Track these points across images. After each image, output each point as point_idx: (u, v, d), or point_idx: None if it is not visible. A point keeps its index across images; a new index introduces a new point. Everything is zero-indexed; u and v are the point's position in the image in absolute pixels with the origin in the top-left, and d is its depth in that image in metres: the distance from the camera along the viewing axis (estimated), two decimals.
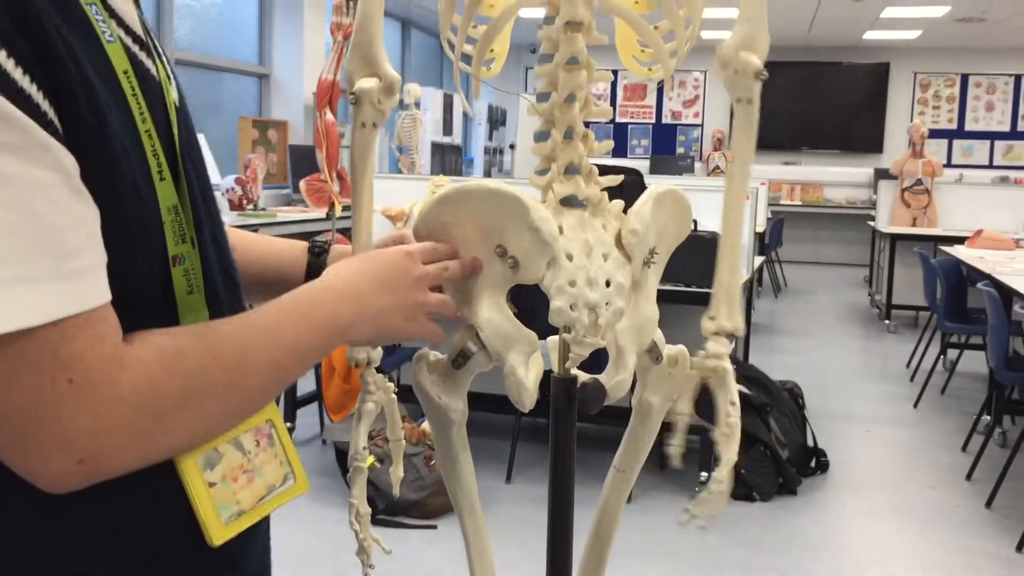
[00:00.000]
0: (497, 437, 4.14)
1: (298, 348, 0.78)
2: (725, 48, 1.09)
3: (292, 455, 0.85)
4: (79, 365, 0.62)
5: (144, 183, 0.69)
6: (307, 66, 7.44)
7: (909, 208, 7.56)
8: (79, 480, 0.64)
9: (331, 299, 0.83)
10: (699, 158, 12.62)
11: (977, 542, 3.40)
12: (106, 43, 0.68)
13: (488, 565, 1.21)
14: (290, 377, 0.79)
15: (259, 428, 0.81)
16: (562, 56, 1.03)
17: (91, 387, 0.62)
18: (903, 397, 5.37)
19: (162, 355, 0.67)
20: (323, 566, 3.08)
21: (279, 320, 0.78)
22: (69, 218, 0.62)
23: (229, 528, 0.76)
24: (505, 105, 11.06)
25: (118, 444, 0.64)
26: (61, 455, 0.62)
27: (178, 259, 0.73)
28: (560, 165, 1.05)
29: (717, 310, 1.17)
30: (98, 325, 0.63)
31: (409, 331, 0.91)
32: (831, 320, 7.96)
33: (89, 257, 0.63)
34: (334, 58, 4.45)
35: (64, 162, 0.62)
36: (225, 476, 0.77)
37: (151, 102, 0.72)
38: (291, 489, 0.84)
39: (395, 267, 0.90)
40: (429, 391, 1.10)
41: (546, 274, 1.00)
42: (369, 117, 1.10)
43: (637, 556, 3.19)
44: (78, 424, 0.62)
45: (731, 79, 1.11)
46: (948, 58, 12.19)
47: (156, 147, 0.71)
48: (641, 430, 1.23)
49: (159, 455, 0.69)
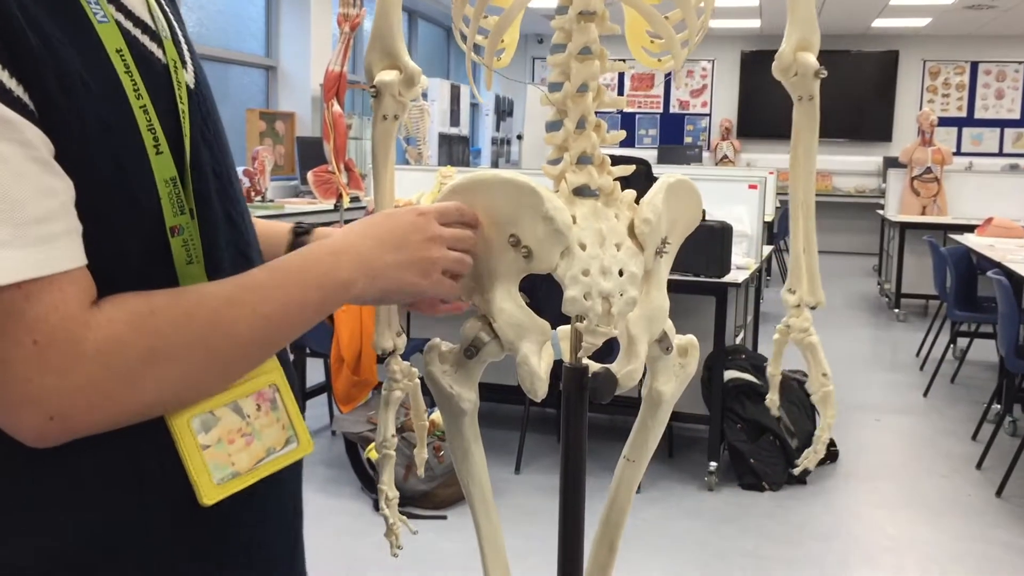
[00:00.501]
0: (506, 427, 4.15)
1: (289, 306, 0.78)
2: (784, 54, 1.18)
3: (296, 419, 0.85)
4: (43, 326, 0.65)
5: (136, 156, 0.72)
6: (314, 58, 7.43)
7: (919, 196, 7.53)
8: (55, 436, 0.68)
9: (327, 257, 0.83)
10: (707, 148, 12.58)
11: (988, 531, 3.39)
12: (97, 23, 0.71)
13: (500, 556, 1.21)
14: (283, 335, 0.80)
15: (261, 392, 0.82)
16: (575, 46, 1.03)
17: (55, 347, 0.65)
18: (913, 386, 5.36)
19: (132, 314, 0.69)
20: (332, 556, 3.09)
21: (269, 279, 0.79)
22: (32, 188, 0.64)
23: (222, 488, 0.77)
24: (512, 96, 11.04)
25: (87, 402, 0.67)
26: (31, 412, 0.66)
27: (176, 230, 0.75)
28: (573, 155, 1.05)
29: (797, 284, 1.26)
30: (65, 288, 0.66)
31: (422, 287, 0.90)
32: (840, 309, 7.95)
33: (56, 225, 0.66)
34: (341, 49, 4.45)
35: (27, 135, 0.64)
36: (221, 439, 0.78)
37: (152, 82, 0.75)
38: (294, 451, 0.84)
39: (405, 224, 0.89)
40: (441, 381, 1.10)
41: (560, 263, 1.00)
42: (390, 109, 1.11)
43: (646, 545, 3.20)
44: (44, 383, 0.65)
45: (792, 81, 1.19)
46: (957, 46, 12.12)
47: (153, 122, 0.74)
48: (651, 420, 1.23)
49: (135, 412, 0.71)
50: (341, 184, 4.44)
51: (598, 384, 1.09)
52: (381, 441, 1.21)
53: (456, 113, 8.95)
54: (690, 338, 1.22)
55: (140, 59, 0.75)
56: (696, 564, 3.10)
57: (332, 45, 7.29)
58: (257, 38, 7.38)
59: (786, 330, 1.30)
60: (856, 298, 8.56)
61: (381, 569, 3.03)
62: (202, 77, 0.84)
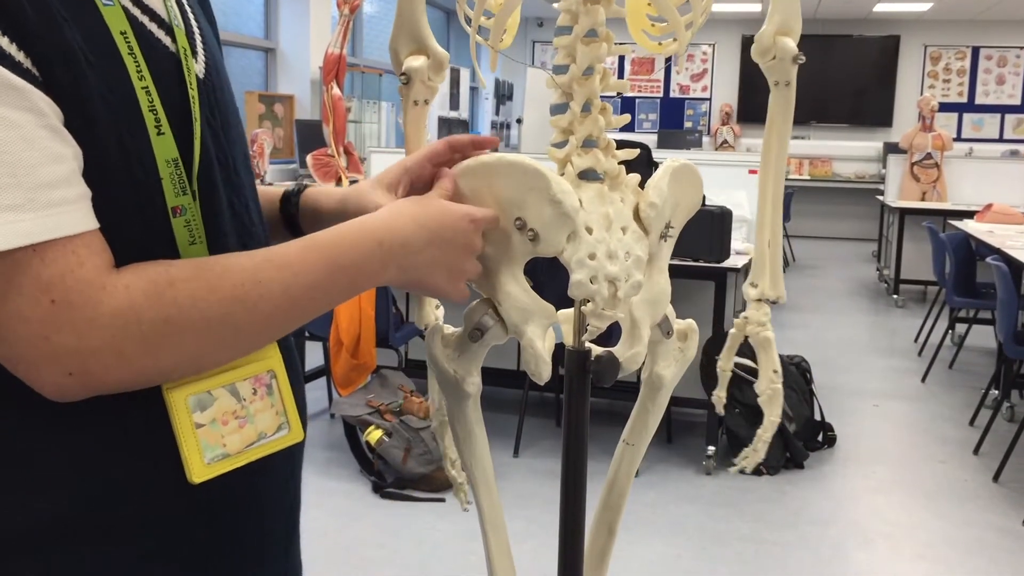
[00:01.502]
0: (504, 411, 4.16)
1: (315, 289, 0.79)
2: (764, 36, 1.17)
3: (290, 406, 0.85)
4: (59, 287, 0.67)
5: (136, 134, 0.74)
6: (313, 40, 7.40)
7: (918, 182, 7.52)
8: (75, 391, 0.70)
9: (365, 244, 0.83)
10: (707, 132, 12.56)
11: (984, 516, 3.41)
12: (102, 6, 0.73)
13: (502, 538, 1.21)
14: (306, 315, 0.80)
15: (259, 377, 0.83)
16: (581, 28, 1.03)
17: (71, 308, 0.67)
18: (911, 372, 5.37)
19: (152, 283, 0.71)
20: (330, 539, 3.10)
21: (302, 258, 0.78)
22: (43, 154, 0.66)
23: (211, 468, 0.78)
24: (512, 79, 11.01)
25: (103, 363, 0.69)
26: (50, 369, 0.68)
27: (178, 210, 0.77)
28: (578, 138, 1.04)
29: (759, 277, 1.24)
30: (80, 251, 0.68)
31: (446, 291, 0.90)
32: (839, 295, 7.95)
33: (67, 190, 0.68)
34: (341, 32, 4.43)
35: (39, 104, 0.66)
36: (215, 419, 0.79)
37: (157, 66, 0.76)
38: (284, 438, 0.85)
39: (457, 228, 0.89)
40: (444, 365, 1.10)
41: (566, 247, 0.99)
42: (421, 95, 1.13)
43: (644, 529, 3.21)
44: (62, 342, 0.67)
45: (770, 65, 1.19)
46: (959, 31, 12.08)
47: (155, 103, 0.75)
48: (650, 404, 1.23)
49: (153, 375, 0.73)
50: (340, 167, 4.44)
51: (601, 368, 1.09)
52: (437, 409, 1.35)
53: (456, 97, 8.93)
54: (690, 322, 1.22)
55: (145, 43, 0.76)
56: (694, 548, 3.12)
57: (332, 27, 7.26)
58: (256, 20, 7.34)
59: (743, 323, 1.28)
60: (855, 284, 8.57)
61: (380, 551, 3.05)
62: (215, 68, 0.86)
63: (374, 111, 7.73)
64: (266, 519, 0.88)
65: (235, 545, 0.84)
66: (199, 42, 0.85)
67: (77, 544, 0.74)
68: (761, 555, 3.08)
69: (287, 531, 0.93)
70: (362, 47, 8.92)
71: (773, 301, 1.26)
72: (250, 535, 0.86)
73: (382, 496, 3.45)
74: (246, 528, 0.85)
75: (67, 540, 0.74)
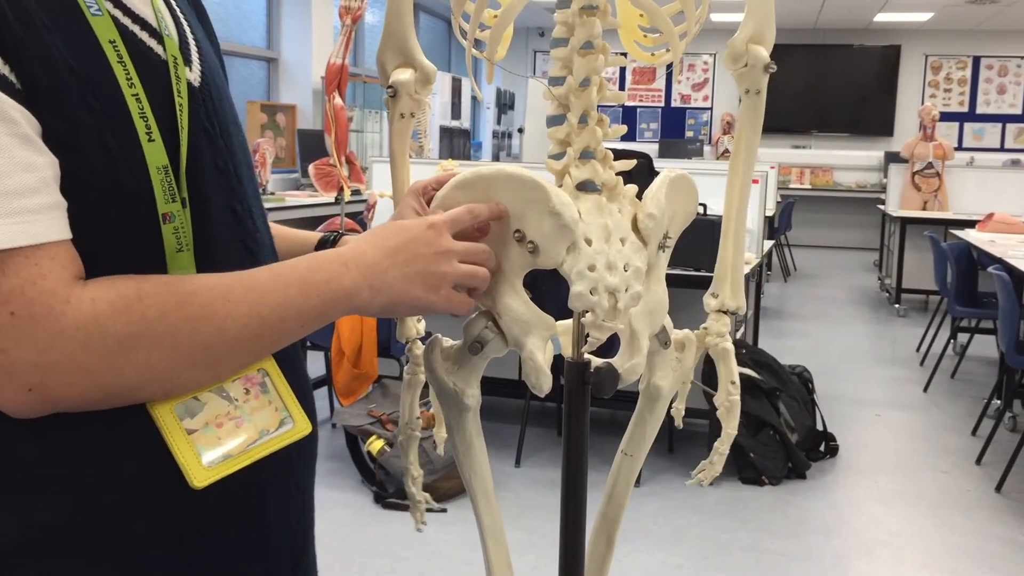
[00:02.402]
0: (505, 421, 4.16)
1: (287, 309, 0.78)
2: (736, 42, 1.16)
3: (290, 401, 0.85)
4: (20, 299, 0.66)
5: (125, 142, 0.73)
6: (315, 50, 7.42)
7: (920, 192, 7.53)
8: (35, 408, 0.69)
9: (331, 267, 0.83)
10: (708, 142, 12.57)
11: (987, 526, 3.40)
12: (91, 16, 0.74)
13: (503, 549, 1.21)
14: (277, 337, 0.80)
15: (249, 377, 0.82)
16: (577, 40, 1.03)
17: (32, 320, 0.66)
18: (913, 381, 5.36)
19: (119, 297, 0.70)
20: (332, 549, 3.09)
21: (271, 280, 0.79)
22: (11, 162, 0.66)
23: (213, 471, 0.77)
24: (513, 89, 11.03)
25: (64, 378, 0.68)
26: (9, 384, 0.67)
27: (167, 217, 0.76)
28: (576, 149, 1.04)
29: (721, 288, 1.24)
30: (43, 262, 0.67)
31: (431, 302, 0.88)
32: (841, 304, 7.95)
33: (34, 199, 0.67)
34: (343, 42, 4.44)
35: (10, 113, 0.66)
36: (208, 423, 0.78)
37: (149, 74, 0.77)
38: (290, 432, 0.84)
39: (415, 239, 0.88)
40: (443, 378, 1.09)
41: (566, 259, 0.99)
42: (407, 108, 1.14)
43: (645, 539, 3.20)
44: (21, 356, 0.66)
45: (741, 72, 1.17)
46: (960, 40, 12.10)
47: (145, 110, 0.75)
48: (648, 414, 1.23)
49: (118, 393, 0.72)
50: (342, 177, 4.44)
51: (600, 379, 1.09)
52: (406, 422, 1.28)
53: (457, 106, 8.94)
54: (687, 333, 1.23)
55: (136, 52, 0.77)
56: (695, 557, 3.11)
57: (333, 37, 7.28)
58: (258, 30, 7.36)
59: (703, 334, 1.26)
60: (856, 293, 8.56)
61: (381, 560, 3.04)
62: (211, 76, 0.85)
63: (376, 121, 7.75)
64: (276, 524, 0.87)
65: (245, 549, 0.83)
66: (193, 51, 0.85)
67: (74, 554, 0.74)
68: (763, 565, 3.07)
69: (302, 535, 0.92)
70: (364, 57, 8.94)
71: (733, 312, 1.26)
72: (260, 540, 0.85)
73: (384, 506, 3.45)
74: (257, 534, 0.85)
75: (65, 550, 0.73)
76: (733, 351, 1.27)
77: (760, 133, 1.21)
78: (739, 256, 1.24)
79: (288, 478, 0.89)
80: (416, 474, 1.31)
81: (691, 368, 1.23)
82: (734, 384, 1.28)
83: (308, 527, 0.95)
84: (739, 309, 1.26)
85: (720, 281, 1.25)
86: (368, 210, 4.43)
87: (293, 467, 0.89)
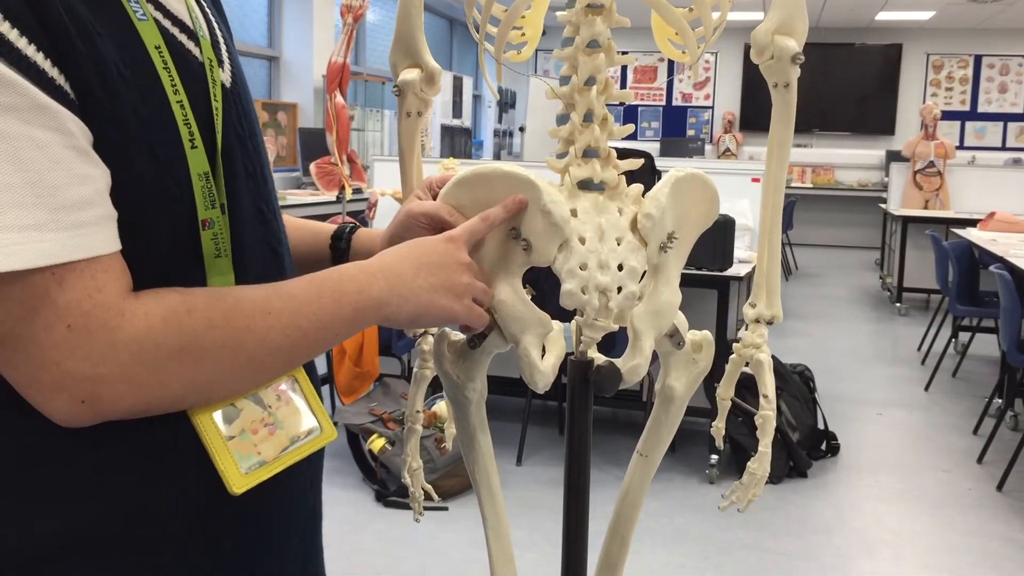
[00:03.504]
0: (508, 419, 4.16)
1: (323, 319, 0.80)
2: (760, 33, 1.11)
3: (318, 407, 0.86)
4: (76, 312, 0.66)
5: (171, 149, 0.74)
6: (317, 48, 7.43)
7: (921, 190, 7.52)
8: (85, 418, 0.69)
9: (362, 277, 0.85)
10: (709, 140, 12.57)
11: (988, 525, 3.40)
12: (137, 21, 0.74)
13: (505, 544, 1.21)
14: (315, 345, 0.81)
15: (280, 384, 0.84)
16: (582, 39, 1.03)
17: (88, 333, 0.66)
18: (914, 380, 5.36)
19: (170, 310, 0.71)
20: (333, 547, 3.10)
21: (306, 290, 0.80)
22: (69, 175, 0.66)
23: (249, 477, 0.78)
24: (515, 87, 11.03)
25: (115, 390, 0.68)
26: (62, 396, 0.67)
27: (207, 223, 0.77)
28: (578, 148, 1.05)
29: (758, 297, 1.21)
30: (98, 275, 0.68)
31: (455, 311, 0.91)
32: (842, 303, 7.95)
33: (91, 211, 0.67)
34: (344, 40, 4.44)
35: (67, 125, 0.66)
36: (244, 429, 0.79)
37: (189, 79, 0.77)
38: (317, 439, 0.85)
39: (438, 251, 0.91)
40: (448, 370, 1.11)
41: (558, 257, 1.00)
42: (413, 107, 1.17)
43: (648, 538, 3.20)
44: (75, 368, 0.66)
45: (768, 65, 1.12)
46: (961, 39, 12.10)
47: (189, 117, 0.75)
48: (664, 416, 1.23)
49: (162, 404, 0.72)
50: (344, 176, 4.44)
51: (601, 378, 1.09)
52: (408, 415, 1.32)
53: (459, 105, 8.95)
54: (705, 334, 1.19)
55: (178, 56, 0.77)
56: (697, 556, 3.11)
57: (335, 36, 7.28)
58: (260, 29, 7.37)
59: (740, 347, 1.24)
60: (858, 292, 8.56)
61: (382, 559, 3.04)
62: (240, 78, 0.86)
63: (377, 119, 7.75)
64: (287, 527, 0.88)
65: (253, 555, 0.84)
66: (224, 51, 0.85)
67: (90, 560, 0.74)
68: (764, 564, 3.07)
69: (309, 537, 0.93)
70: (365, 56, 8.94)
71: (769, 321, 1.23)
72: (270, 546, 0.85)
73: (385, 504, 3.45)
74: (267, 538, 0.85)
75: (82, 555, 0.73)
76: (770, 363, 1.24)
77: (792, 129, 1.16)
78: (774, 264, 1.21)
79: (304, 477, 0.90)
80: (416, 465, 1.34)
81: (706, 370, 1.21)
82: (766, 399, 1.24)
83: (317, 525, 0.96)
84: (775, 319, 1.22)
85: (757, 290, 1.22)
86: (369, 208, 4.43)
87: (307, 467, 0.90)
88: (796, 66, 1.12)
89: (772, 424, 1.26)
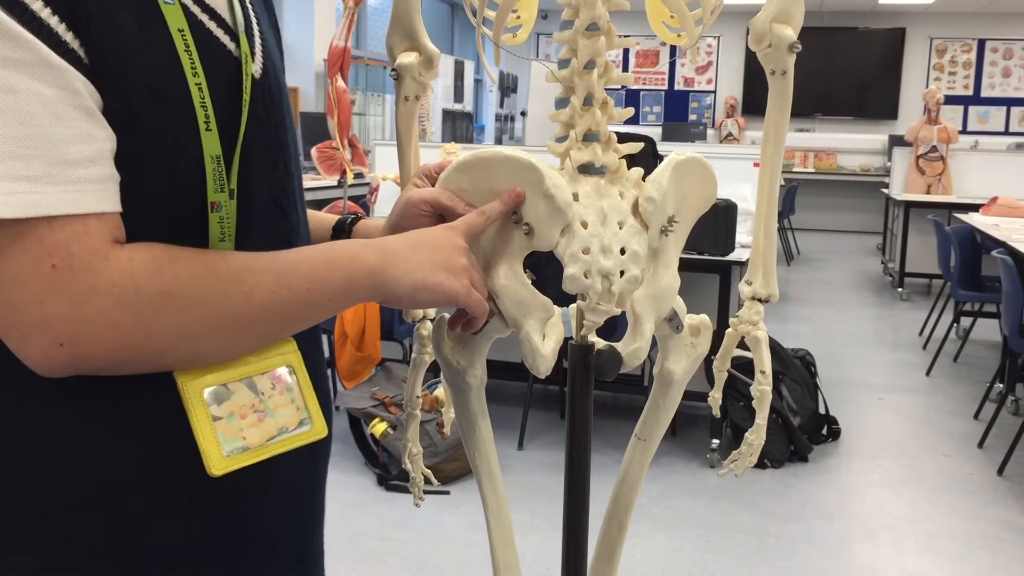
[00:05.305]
0: (509, 404, 4.17)
1: (311, 280, 0.80)
2: (759, 21, 1.14)
3: (312, 402, 0.86)
4: (63, 253, 0.67)
5: (184, 127, 0.75)
6: (318, 32, 7.40)
7: (924, 175, 7.51)
8: (63, 364, 0.69)
9: (356, 247, 0.86)
10: (712, 125, 12.54)
11: (989, 509, 3.41)
12: (163, 3, 0.75)
13: (506, 529, 1.22)
14: (305, 310, 0.81)
15: (276, 371, 0.83)
16: (582, 22, 1.02)
17: (71, 274, 0.67)
18: (915, 365, 5.37)
19: (154, 258, 0.71)
20: (335, 531, 3.11)
21: (296, 255, 0.81)
22: (72, 132, 0.67)
23: (230, 461, 0.78)
24: (517, 72, 10.99)
25: (95, 333, 0.69)
26: (41, 337, 0.68)
27: (215, 206, 0.78)
28: (578, 132, 1.04)
29: (754, 276, 1.23)
30: (90, 223, 0.69)
31: (455, 290, 0.90)
32: (844, 288, 7.95)
33: (92, 170, 0.69)
34: (345, 24, 4.42)
35: (74, 83, 0.68)
36: (233, 412, 0.79)
37: (213, 65, 0.78)
38: (306, 433, 0.84)
39: (437, 235, 0.92)
40: (448, 355, 1.11)
41: (560, 241, 1.00)
42: (411, 90, 1.17)
43: (648, 522, 3.22)
44: (56, 309, 0.67)
45: (765, 53, 1.15)
46: (965, 23, 12.04)
47: (206, 100, 0.76)
48: (662, 399, 1.23)
49: (145, 354, 0.72)
50: (345, 160, 4.43)
51: (602, 362, 1.09)
52: (408, 400, 1.33)
53: (460, 89, 8.92)
54: (703, 318, 1.21)
55: (202, 41, 0.78)
56: (697, 541, 3.12)
57: (336, 20, 7.25)
58: None
59: (736, 322, 1.27)
60: (860, 277, 8.56)
61: (384, 543, 3.06)
62: (273, 70, 0.86)
63: (379, 103, 7.73)
64: (279, 521, 0.87)
65: (236, 545, 0.83)
66: (258, 44, 0.86)
67: (79, 523, 0.75)
68: (765, 548, 3.08)
69: (300, 546, 0.92)
70: (367, 40, 8.91)
71: (765, 299, 1.25)
72: (254, 537, 0.85)
73: (387, 488, 3.46)
74: (258, 531, 0.85)
75: (70, 519, 0.74)
76: (766, 340, 1.27)
77: (788, 115, 1.19)
78: (771, 244, 1.23)
79: (302, 470, 0.89)
80: (416, 450, 1.35)
81: (704, 353, 1.22)
82: (763, 374, 1.27)
83: (318, 521, 0.96)
84: (771, 297, 1.25)
85: (753, 268, 1.25)
86: (371, 193, 4.42)
87: (308, 462, 0.89)
88: (793, 54, 1.15)
89: (768, 398, 1.29)
